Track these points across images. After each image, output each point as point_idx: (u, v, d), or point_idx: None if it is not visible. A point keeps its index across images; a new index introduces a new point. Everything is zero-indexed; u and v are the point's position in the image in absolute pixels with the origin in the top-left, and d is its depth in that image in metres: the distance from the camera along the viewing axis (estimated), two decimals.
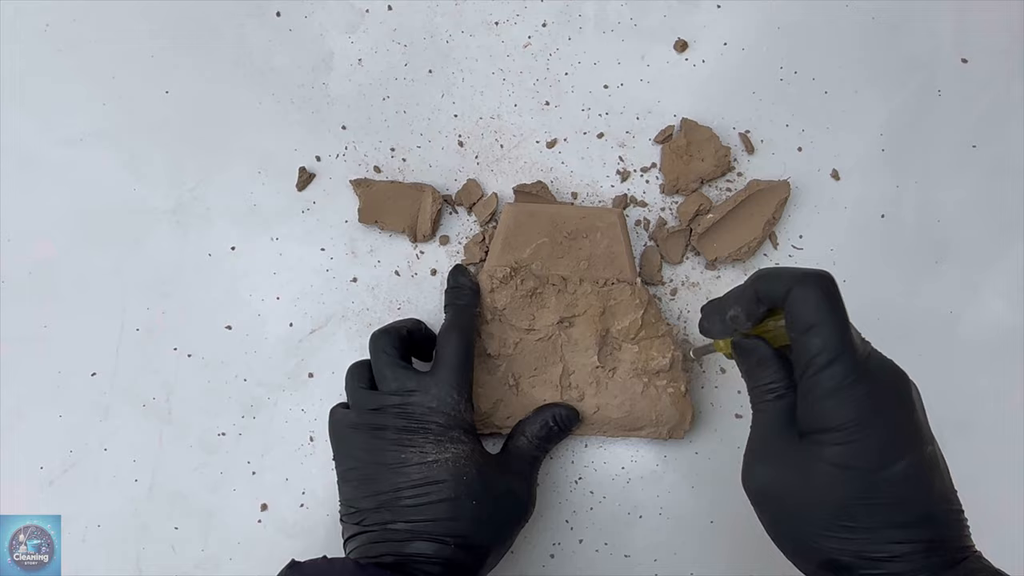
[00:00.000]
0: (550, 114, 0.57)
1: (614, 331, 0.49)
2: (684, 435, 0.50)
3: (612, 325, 0.49)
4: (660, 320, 0.50)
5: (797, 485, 0.35)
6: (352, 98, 0.57)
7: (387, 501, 0.42)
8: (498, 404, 0.49)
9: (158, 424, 0.53)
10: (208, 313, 0.54)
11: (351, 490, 0.44)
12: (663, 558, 0.51)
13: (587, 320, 0.49)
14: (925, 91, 0.58)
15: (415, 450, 0.42)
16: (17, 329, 0.54)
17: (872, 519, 0.34)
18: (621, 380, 0.49)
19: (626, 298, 0.50)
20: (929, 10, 0.59)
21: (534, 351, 0.49)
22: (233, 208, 0.56)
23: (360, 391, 0.46)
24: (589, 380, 0.49)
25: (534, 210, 0.52)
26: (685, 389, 0.50)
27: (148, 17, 0.58)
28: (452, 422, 0.43)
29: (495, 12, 0.58)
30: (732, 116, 0.57)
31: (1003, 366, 0.55)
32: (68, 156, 0.56)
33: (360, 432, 0.44)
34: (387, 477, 0.42)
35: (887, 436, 0.35)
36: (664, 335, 0.50)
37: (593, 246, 0.50)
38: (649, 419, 0.49)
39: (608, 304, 0.49)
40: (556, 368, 0.49)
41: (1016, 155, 0.58)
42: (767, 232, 0.54)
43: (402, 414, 0.43)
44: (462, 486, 0.42)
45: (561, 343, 0.49)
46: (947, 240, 0.56)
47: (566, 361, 0.49)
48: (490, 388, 0.49)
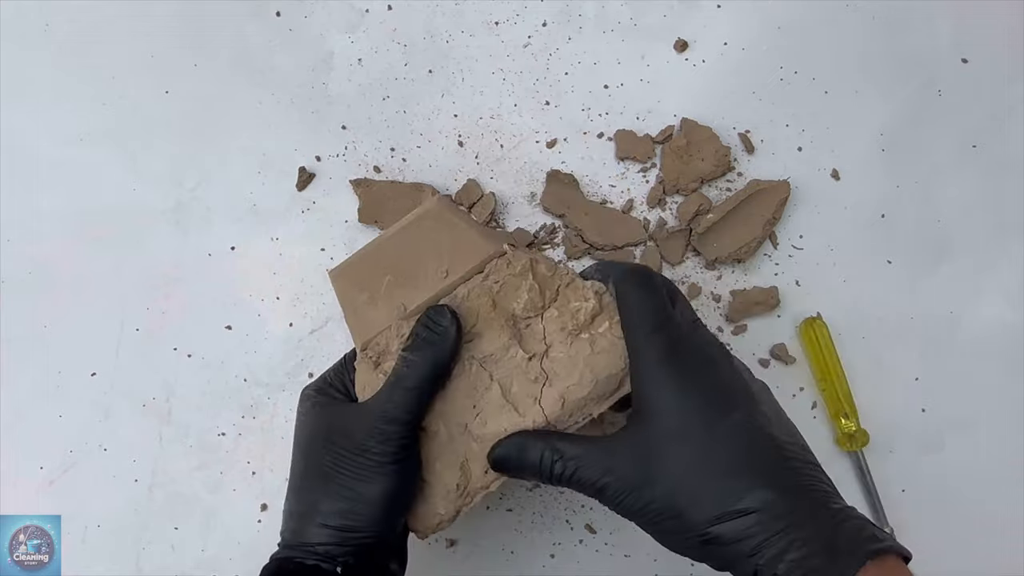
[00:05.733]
0: (550, 114, 0.57)
1: (519, 311, 0.41)
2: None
3: (512, 307, 0.41)
4: (556, 270, 0.42)
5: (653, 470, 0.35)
6: (352, 98, 0.57)
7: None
8: (466, 465, 0.41)
9: (158, 424, 0.53)
10: (208, 313, 0.54)
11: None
12: (663, 558, 0.51)
13: (485, 322, 0.41)
14: (925, 91, 0.58)
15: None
16: (17, 329, 0.54)
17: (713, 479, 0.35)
18: (563, 353, 0.41)
19: (505, 272, 0.41)
20: (929, 10, 0.59)
21: (459, 389, 0.41)
22: (233, 208, 0.56)
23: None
24: (532, 377, 0.41)
25: (351, 263, 0.44)
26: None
27: (148, 17, 0.58)
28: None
29: (495, 12, 0.58)
30: (732, 116, 0.57)
31: (1003, 366, 0.55)
32: (68, 156, 0.56)
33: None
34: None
35: (706, 399, 0.36)
36: (571, 279, 0.42)
37: (437, 248, 0.42)
38: (619, 367, 0.40)
39: (493, 292, 0.41)
40: (492, 390, 0.41)
41: (1016, 155, 0.57)
42: (767, 232, 0.54)
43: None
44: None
45: (479, 362, 0.41)
46: (947, 240, 0.56)
47: (497, 376, 0.41)
48: (446, 455, 0.41)
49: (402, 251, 0.42)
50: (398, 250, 0.42)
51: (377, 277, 0.42)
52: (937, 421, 0.54)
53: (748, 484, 0.34)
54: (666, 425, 0.36)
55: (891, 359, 0.54)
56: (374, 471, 0.38)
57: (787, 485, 0.34)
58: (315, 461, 0.40)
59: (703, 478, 0.35)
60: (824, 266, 0.55)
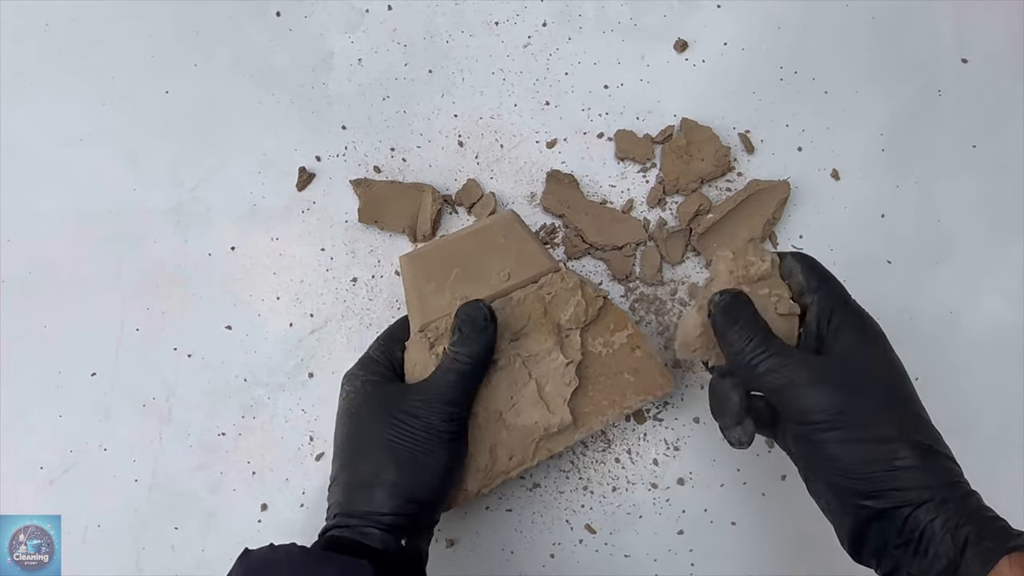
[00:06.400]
0: (550, 114, 0.57)
1: (564, 322, 0.47)
2: (672, 386, 0.48)
3: (559, 317, 0.47)
4: (598, 292, 0.48)
5: (857, 392, 0.39)
6: (352, 98, 0.57)
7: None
8: (495, 449, 0.46)
9: (158, 424, 0.53)
10: (208, 313, 0.54)
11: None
12: (663, 558, 0.51)
13: (535, 325, 0.47)
14: (925, 91, 0.58)
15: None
16: (17, 329, 0.54)
17: (915, 414, 0.39)
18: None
19: (559, 286, 0.48)
20: (929, 10, 0.59)
21: (501, 381, 0.46)
22: (233, 208, 0.56)
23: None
24: (566, 381, 0.47)
25: (427, 249, 0.49)
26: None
27: (148, 17, 0.58)
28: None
29: (495, 12, 0.58)
30: (732, 116, 0.57)
31: (1003, 366, 0.55)
32: (68, 156, 0.56)
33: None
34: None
35: (897, 358, 0.41)
36: (607, 303, 0.48)
37: (503, 254, 0.48)
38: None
39: (546, 300, 0.47)
40: (529, 386, 0.46)
41: (1016, 155, 0.57)
42: (767, 232, 0.54)
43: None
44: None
45: (522, 360, 0.47)
46: (947, 240, 0.56)
47: (536, 375, 0.47)
48: (478, 438, 0.46)
49: (472, 250, 0.48)
50: (468, 249, 0.48)
51: (446, 269, 0.47)
52: (937, 421, 0.54)
53: (917, 441, 0.38)
54: (865, 364, 0.40)
55: None
56: (439, 445, 0.42)
57: (943, 452, 0.38)
58: (379, 436, 0.42)
59: (894, 413, 0.38)
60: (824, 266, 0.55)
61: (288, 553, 0.39)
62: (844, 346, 0.40)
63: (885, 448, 0.37)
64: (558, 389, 0.47)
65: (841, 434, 0.37)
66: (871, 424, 0.37)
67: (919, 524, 0.36)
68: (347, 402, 0.45)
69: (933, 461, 0.37)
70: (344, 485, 0.43)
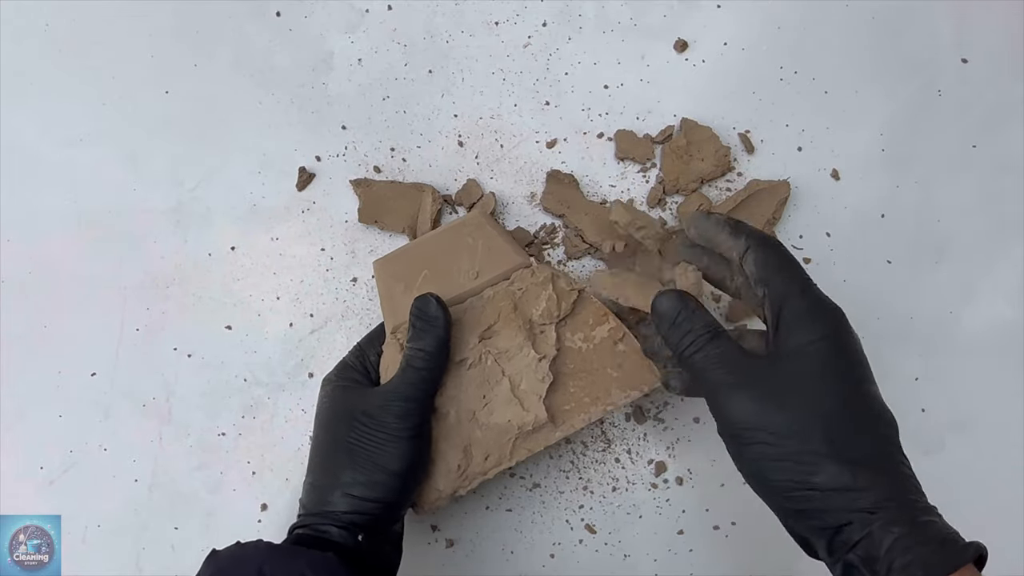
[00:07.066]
0: (550, 114, 0.57)
1: (535, 318, 0.46)
2: (659, 380, 0.46)
3: (530, 313, 0.46)
4: (572, 285, 0.47)
5: (782, 404, 0.36)
6: (352, 98, 0.57)
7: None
8: (469, 449, 0.45)
9: (158, 424, 0.53)
10: (208, 313, 0.54)
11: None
12: (663, 558, 0.51)
13: (504, 322, 0.46)
14: (925, 91, 0.58)
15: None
16: (17, 329, 0.54)
17: (854, 425, 0.36)
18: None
19: (529, 281, 0.47)
20: (929, 10, 0.59)
21: (473, 379, 0.46)
22: (233, 208, 0.56)
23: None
24: (538, 377, 0.45)
25: (394, 256, 0.50)
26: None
27: (148, 17, 0.58)
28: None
29: (495, 12, 0.58)
30: (732, 116, 0.57)
31: (1003, 366, 0.55)
32: (68, 156, 0.56)
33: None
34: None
35: (860, 365, 0.38)
36: (583, 295, 0.47)
37: (471, 253, 0.48)
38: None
39: (516, 296, 0.46)
40: (502, 384, 0.45)
41: (1016, 155, 0.57)
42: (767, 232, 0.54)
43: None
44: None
45: (494, 357, 0.46)
46: (947, 240, 0.56)
47: (509, 372, 0.46)
48: (452, 437, 0.45)
49: (440, 251, 0.48)
50: (437, 249, 0.48)
51: (415, 271, 0.48)
52: (937, 421, 0.54)
53: (857, 448, 0.35)
54: (808, 367, 0.37)
55: (891, 359, 0.54)
56: (393, 444, 0.42)
57: (887, 466, 0.36)
58: (339, 438, 0.43)
59: (824, 426, 0.35)
60: (824, 266, 0.55)
61: (256, 549, 0.40)
62: (791, 347, 0.37)
63: (805, 467, 0.35)
64: (532, 386, 0.45)
65: (759, 449, 0.36)
66: (795, 439, 0.35)
67: (848, 543, 0.34)
68: (319, 408, 0.46)
69: (869, 478, 0.34)
70: (309, 486, 0.44)
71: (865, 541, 0.34)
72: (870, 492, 0.34)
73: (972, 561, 0.33)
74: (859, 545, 0.34)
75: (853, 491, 0.34)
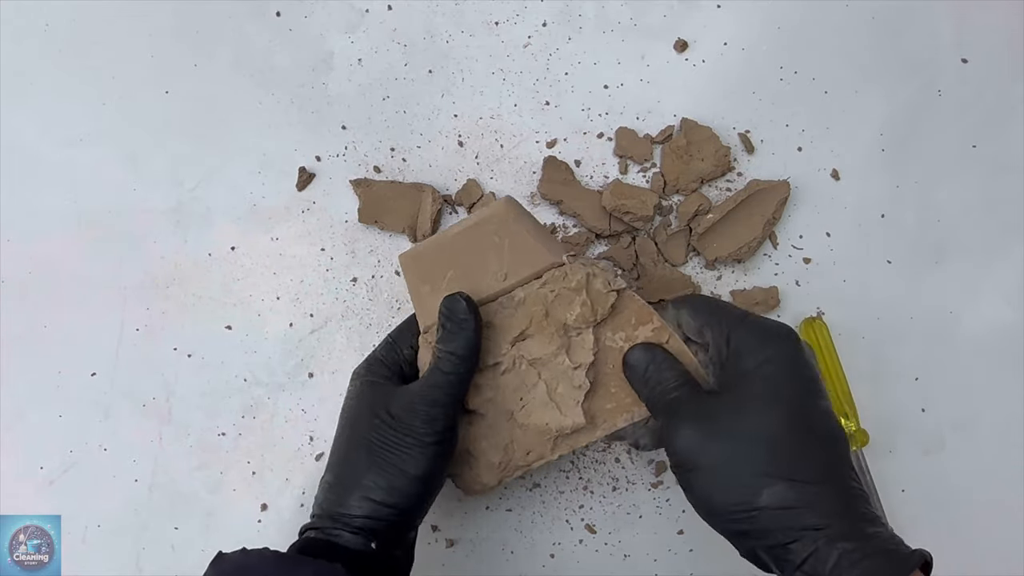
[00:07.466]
0: (550, 114, 0.57)
1: (570, 322, 0.44)
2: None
3: (564, 318, 0.44)
4: (609, 287, 0.44)
5: (728, 430, 0.37)
6: (352, 98, 0.57)
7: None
8: (510, 447, 0.45)
9: (158, 424, 0.53)
10: (208, 313, 0.54)
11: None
12: (663, 558, 0.51)
13: (537, 328, 0.44)
14: (925, 91, 0.58)
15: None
16: (17, 329, 0.54)
17: (799, 445, 0.36)
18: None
19: (561, 285, 0.44)
20: (929, 10, 0.59)
21: (508, 384, 0.45)
22: (233, 208, 0.56)
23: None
24: (576, 384, 0.44)
25: (419, 251, 0.47)
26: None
27: (148, 17, 0.58)
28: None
29: (495, 12, 0.58)
30: (732, 116, 0.57)
31: (1003, 366, 0.55)
32: (68, 156, 0.56)
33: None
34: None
35: (808, 382, 0.38)
36: (624, 294, 0.44)
37: (499, 253, 0.44)
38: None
39: (547, 300, 0.44)
40: (538, 388, 0.44)
41: (1016, 155, 0.57)
42: (767, 232, 0.54)
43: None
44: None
45: (528, 362, 0.44)
46: (947, 240, 0.56)
47: (545, 377, 0.44)
48: (492, 436, 0.45)
49: (466, 249, 0.45)
50: (463, 248, 0.45)
51: (440, 270, 0.45)
52: (937, 421, 0.54)
53: (823, 462, 0.36)
54: (754, 391, 0.38)
55: (891, 359, 0.54)
56: (418, 449, 0.41)
57: (833, 481, 0.36)
58: (362, 438, 0.42)
59: (769, 448, 0.36)
60: (824, 266, 0.55)
61: (261, 557, 0.39)
62: (739, 374, 0.38)
63: (749, 489, 0.35)
64: (569, 392, 0.44)
65: (704, 477, 0.37)
66: (739, 464, 0.36)
67: (796, 561, 0.34)
68: (345, 403, 0.45)
69: (813, 494, 0.35)
70: (327, 485, 0.43)
71: (812, 558, 0.34)
72: (815, 509, 0.34)
73: (918, 567, 0.33)
74: (807, 562, 0.34)
75: (797, 509, 0.35)
